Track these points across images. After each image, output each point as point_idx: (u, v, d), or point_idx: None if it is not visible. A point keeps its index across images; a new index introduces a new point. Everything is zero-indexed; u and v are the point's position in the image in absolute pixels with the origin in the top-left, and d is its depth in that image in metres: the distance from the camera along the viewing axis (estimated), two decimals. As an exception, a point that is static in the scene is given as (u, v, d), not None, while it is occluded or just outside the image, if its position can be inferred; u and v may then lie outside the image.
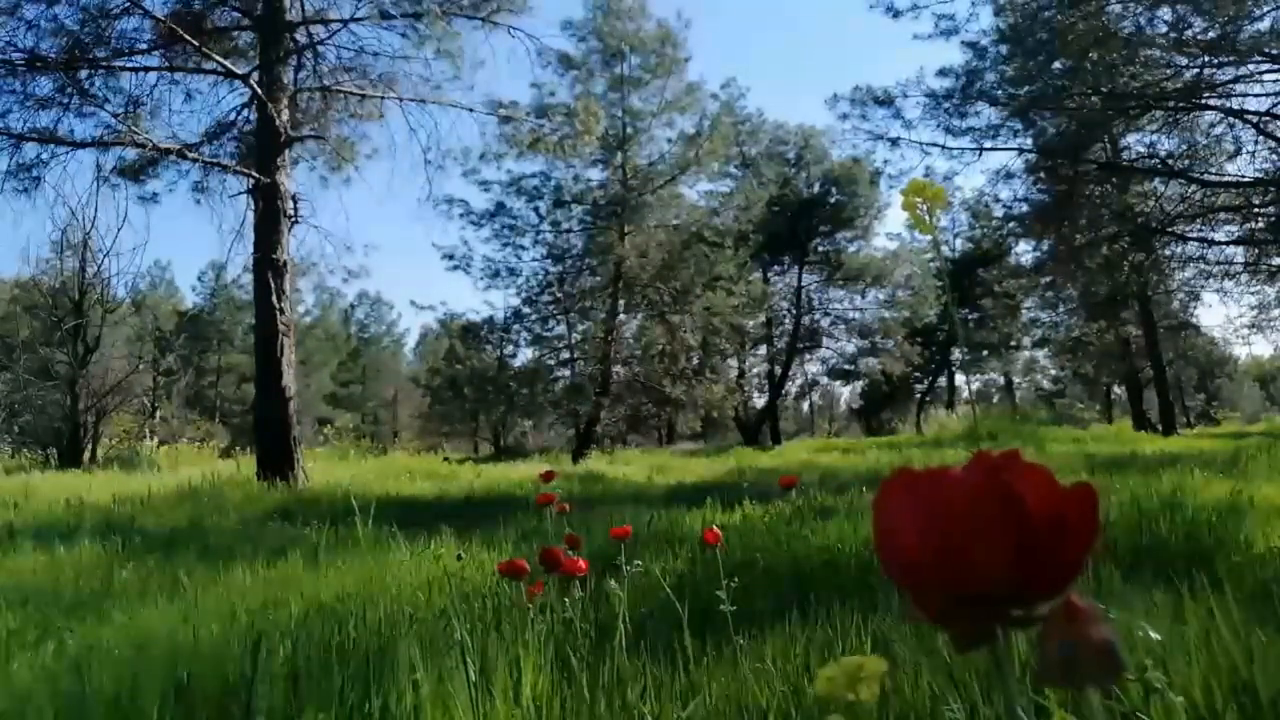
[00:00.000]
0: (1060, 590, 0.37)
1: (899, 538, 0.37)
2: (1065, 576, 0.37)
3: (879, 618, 2.00)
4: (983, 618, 0.37)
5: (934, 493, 0.37)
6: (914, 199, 0.71)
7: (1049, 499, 0.36)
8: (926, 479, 0.38)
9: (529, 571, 1.81)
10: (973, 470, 0.38)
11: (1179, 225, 13.79)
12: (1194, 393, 34.03)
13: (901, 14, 11.88)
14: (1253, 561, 2.62)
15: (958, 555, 0.36)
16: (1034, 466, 0.37)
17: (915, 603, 0.38)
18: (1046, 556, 0.36)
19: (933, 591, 0.37)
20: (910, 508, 0.37)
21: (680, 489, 7.85)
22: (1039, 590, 0.37)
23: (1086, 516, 0.37)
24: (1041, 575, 0.36)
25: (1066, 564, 0.37)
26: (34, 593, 3.15)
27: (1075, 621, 0.37)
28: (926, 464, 0.43)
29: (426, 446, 25.98)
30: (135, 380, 20.01)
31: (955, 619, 0.38)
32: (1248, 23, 10.43)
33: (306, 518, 5.53)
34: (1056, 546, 0.36)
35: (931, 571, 0.37)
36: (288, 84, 10.40)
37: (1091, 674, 0.37)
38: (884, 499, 0.38)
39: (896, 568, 0.38)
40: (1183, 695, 1.12)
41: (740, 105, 22.67)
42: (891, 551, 0.38)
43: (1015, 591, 0.36)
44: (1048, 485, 0.37)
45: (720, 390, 19.92)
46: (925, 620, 0.38)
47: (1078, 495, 0.37)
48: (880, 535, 0.38)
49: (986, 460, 0.38)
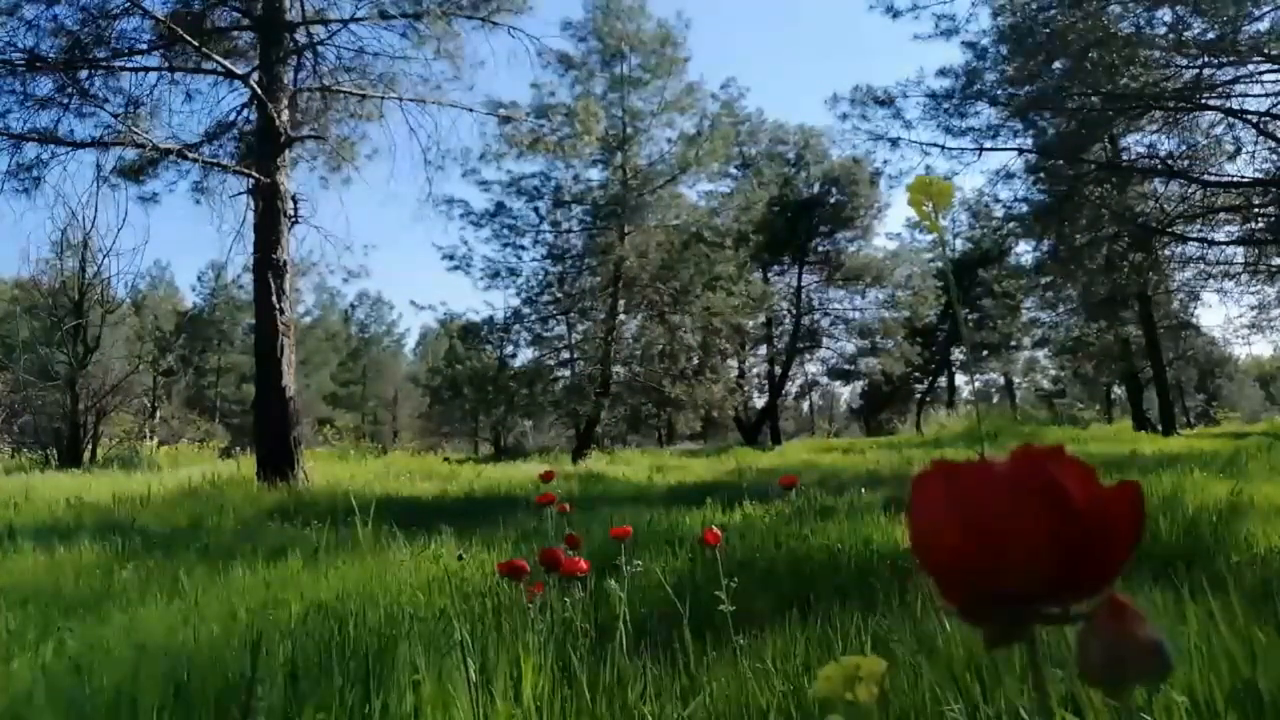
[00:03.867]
0: (1100, 589, 0.36)
1: (936, 531, 0.36)
2: (1106, 575, 0.36)
3: (879, 618, 2.00)
4: (1019, 615, 0.36)
5: (975, 485, 0.36)
6: (920, 196, 0.71)
7: (1093, 495, 0.35)
8: (967, 471, 0.37)
9: (529, 571, 1.81)
10: (1016, 464, 0.37)
11: (1179, 225, 13.78)
12: (1194, 393, 34.03)
13: (901, 14, 11.88)
14: (1253, 561, 2.63)
15: (997, 550, 0.35)
16: (1078, 462, 0.36)
17: (949, 598, 0.37)
18: (1089, 554, 0.35)
19: (969, 587, 0.36)
20: (949, 500, 0.36)
21: (680, 489, 7.85)
22: (1079, 588, 0.36)
23: (1131, 514, 0.36)
24: (1083, 573, 0.35)
25: (1108, 562, 0.36)
26: (34, 593, 3.15)
27: (1121, 620, 0.36)
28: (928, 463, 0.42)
29: (426, 446, 25.99)
30: (135, 380, 20.00)
31: (990, 615, 0.37)
32: (1247, 23, 10.43)
33: (306, 518, 5.52)
34: (1099, 544, 0.35)
35: (969, 566, 0.36)
36: (288, 84, 10.39)
37: (1139, 674, 0.36)
38: (921, 491, 0.37)
39: (933, 562, 0.37)
40: (1186, 696, 1.12)
41: (740, 105, 22.67)
42: (928, 545, 0.37)
43: (1055, 589, 0.36)
44: (1092, 482, 0.36)
45: (720, 390, 19.91)
46: (959, 615, 0.37)
47: (1122, 493, 0.36)
48: (916, 528, 0.37)
49: (1029, 454, 0.37)
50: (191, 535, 5.06)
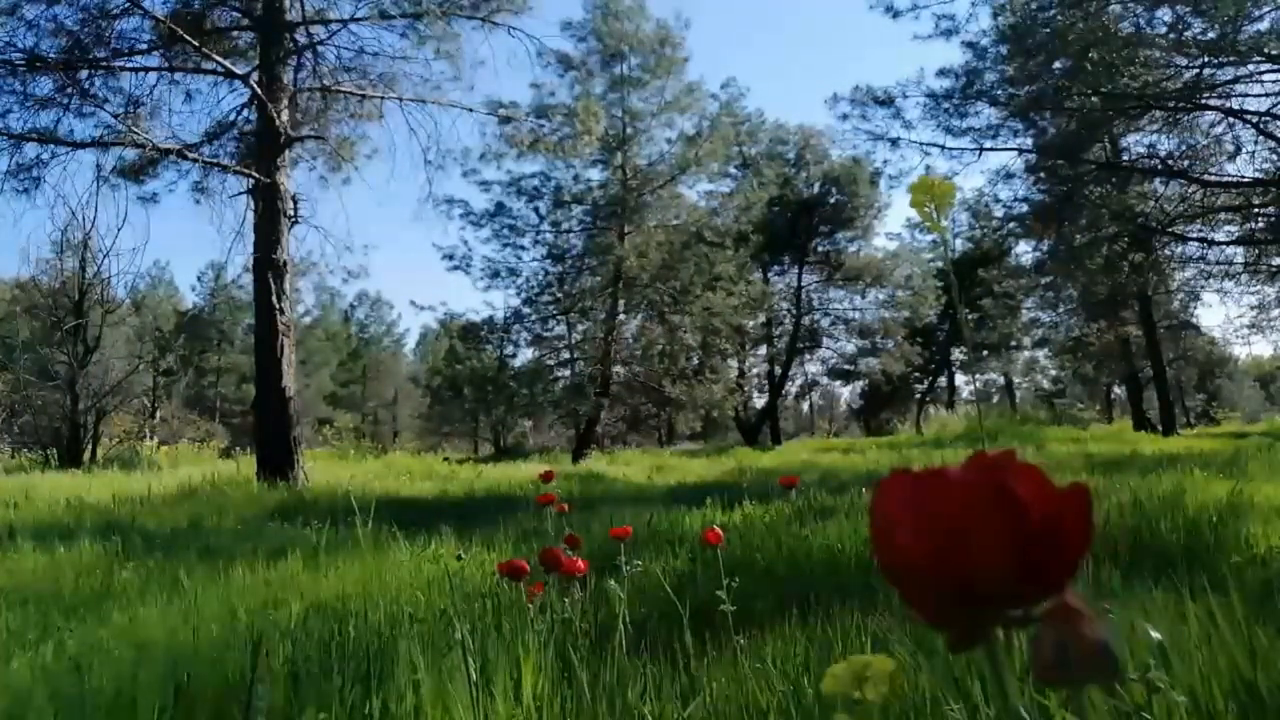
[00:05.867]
0: (1056, 590, 0.37)
1: (896, 537, 0.37)
2: (1061, 576, 0.37)
3: (879, 618, 2.00)
4: (979, 617, 0.37)
5: (931, 492, 0.37)
6: (923, 196, 0.71)
7: (1045, 499, 0.36)
8: (923, 479, 0.38)
9: (529, 571, 1.81)
10: (969, 470, 0.38)
11: (1179, 225, 13.78)
12: (1194, 393, 34.02)
13: (901, 14, 11.87)
14: (1253, 561, 2.63)
15: (954, 554, 0.36)
16: (1029, 466, 0.37)
17: (911, 602, 0.38)
18: (1043, 556, 0.36)
19: (929, 591, 0.37)
20: (907, 507, 0.37)
21: (680, 489, 7.85)
22: (1035, 590, 0.37)
23: (1082, 516, 0.37)
24: (1037, 575, 0.36)
25: (1062, 564, 0.37)
26: (34, 593, 3.15)
27: (1069, 621, 0.37)
28: (926, 464, 0.43)
29: (427, 447, 26.00)
30: (135, 380, 19.99)
31: (951, 618, 0.38)
32: (1247, 23, 10.42)
33: (306, 518, 5.52)
34: (1052, 546, 0.36)
35: (928, 571, 0.37)
36: (288, 84, 10.40)
37: (1085, 673, 0.37)
38: (881, 499, 0.38)
39: (893, 567, 0.38)
40: (1187, 696, 1.12)
41: (740, 105, 22.68)
42: (888, 551, 0.38)
43: (1012, 591, 0.36)
44: (1043, 485, 0.37)
45: (720, 390, 19.90)
46: (922, 620, 0.38)
47: (1073, 495, 0.37)
48: (877, 535, 0.38)
49: (982, 460, 0.38)
50: (191, 535, 5.06)
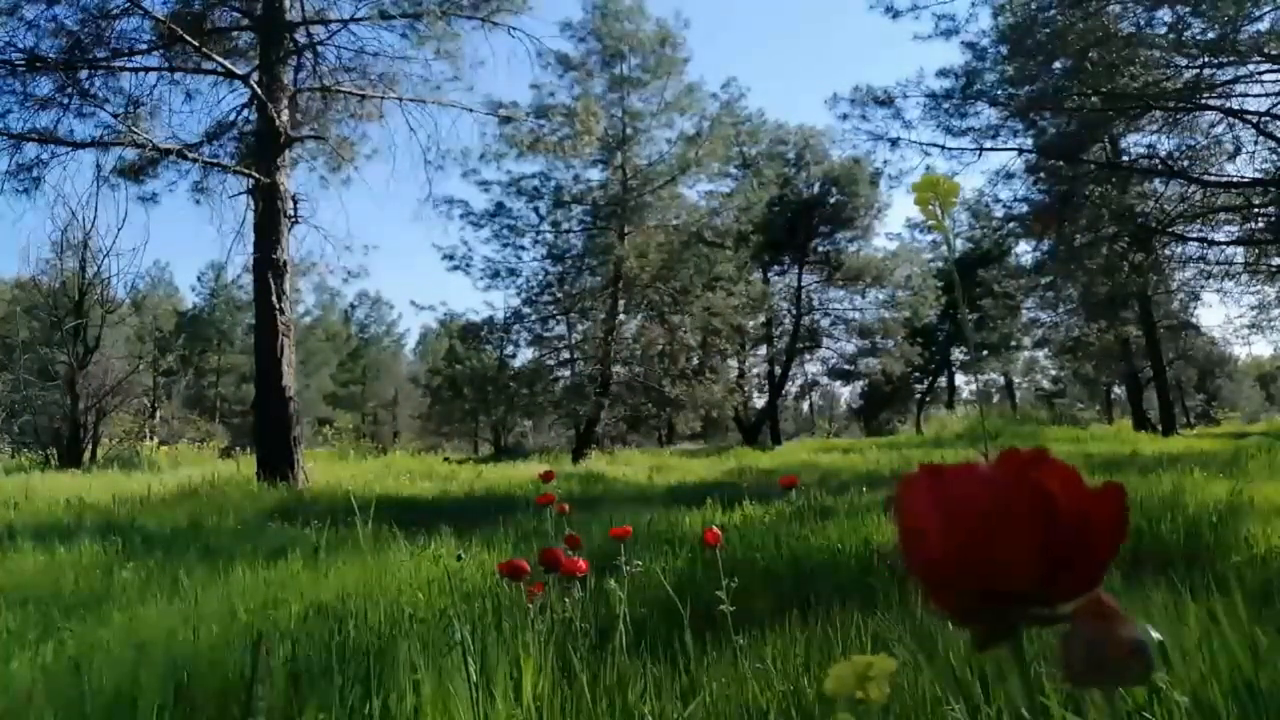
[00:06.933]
0: (1086, 590, 0.37)
1: (923, 533, 0.37)
2: (1091, 576, 0.36)
3: (879, 618, 1.99)
4: (1005, 616, 0.37)
5: (960, 488, 0.36)
6: (927, 195, 0.71)
7: (1077, 497, 0.36)
8: (953, 474, 0.37)
9: (529, 572, 1.81)
10: (1001, 466, 0.37)
11: (1179, 225, 13.78)
12: (1194, 393, 34.03)
13: (901, 14, 11.85)
14: (1253, 561, 2.63)
15: (983, 552, 0.35)
16: (1062, 465, 0.36)
17: (937, 599, 0.37)
18: (1073, 555, 0.35)
19: (956, 588, 0.36)
20: (935, 502, 0.36)
21: (680, 489, 7.85)
22: (1064, 589, 0.36)
23: (1115, 516, 0.36)
24: (1067, 574, 0.36)
25: (1093, 563, 0.36)
26: (34, 593, 3.15)
27: (1103, 620, 0.37)
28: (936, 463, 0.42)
29: (427, 447, 25.97)
30: (135, 380, 19.96)
31: (977, 616, 0.37)
32: (1247, 23, 10.42)
33: (306, 518, 5.52)
34: (1083, 545, 0.35)
35: (955, 568, 0.36)
36: (288, 84, 10.39)
37: (1120, 673, 0.37)
38: (908, 493, 0.37)
39: (920, 563, 0.37)
40: (1189, 696, 1.12)
41: (740, 105, 22.65)
42: (915, 546, 0.37)
43: (1040, 590, 0.36)
44: (1076, 484, 0.36)
45: (720, 390, 19.89)
46: (946, 617, 0.38)
47: (1106, 494, 0.36)
48: (904, 530, 0.37)
49: (1015, 457, 0.37)
50: (191, 535, 5.06)
